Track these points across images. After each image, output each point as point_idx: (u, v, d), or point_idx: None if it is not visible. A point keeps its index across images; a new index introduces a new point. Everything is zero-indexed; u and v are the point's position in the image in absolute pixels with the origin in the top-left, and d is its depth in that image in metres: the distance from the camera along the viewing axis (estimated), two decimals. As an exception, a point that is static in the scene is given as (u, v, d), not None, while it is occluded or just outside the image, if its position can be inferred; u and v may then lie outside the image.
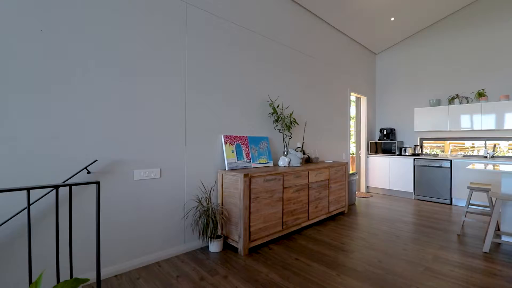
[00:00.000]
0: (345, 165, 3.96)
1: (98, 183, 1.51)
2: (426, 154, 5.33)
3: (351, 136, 5.74)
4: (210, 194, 2.70)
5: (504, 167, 2.95)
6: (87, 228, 2.01)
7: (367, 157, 5.64)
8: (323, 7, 4.15)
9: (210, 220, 2.51)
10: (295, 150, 3.52)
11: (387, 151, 5.43)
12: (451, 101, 4.92)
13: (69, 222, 1.50)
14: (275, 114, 3.41)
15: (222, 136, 2.89)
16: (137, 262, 2.26)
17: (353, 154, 5.83)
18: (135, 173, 2.26)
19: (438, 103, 5.06)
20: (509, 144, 4.51)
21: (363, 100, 5.73)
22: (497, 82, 4.57)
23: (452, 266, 2.32)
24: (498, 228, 3.03)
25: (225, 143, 2.88)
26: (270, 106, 3.41)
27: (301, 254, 2.54)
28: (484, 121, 4.44)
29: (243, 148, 3.03)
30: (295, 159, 3.26)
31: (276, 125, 3.49)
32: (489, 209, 3.68)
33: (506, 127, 4.22)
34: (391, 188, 5.26)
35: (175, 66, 2.51)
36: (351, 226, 3.37)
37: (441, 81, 5.20)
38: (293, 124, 3.56)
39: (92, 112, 2.03)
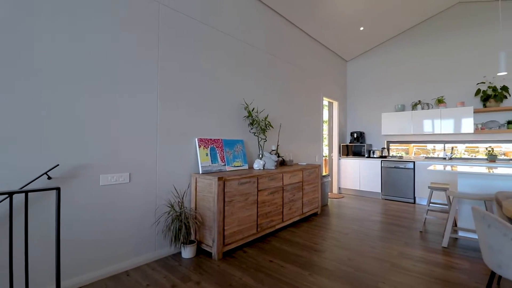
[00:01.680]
0: (318, 167, 4.08)
1: (58, 189, 1.41)
2: (393, 156, 5.66)
3: (324, 139, 5.94)
4: (183, 198, 2.64)
5: (460, 168, 3.23)
6: (48, 238, 1.87)
7: (339, 159, 5.86)
8: (297, 15, 4.29)
9: (183, 225, 2.45)
10: (270, 153, 3.56)
11: (357, 153, 5.69)
12: (414, 106, 5.29)
13: (25, 232, 1.38)
14: (250, 117, 3.44)
15: (196, 139, 2.84)
16: (104, 272, 2.14)
17: (326, 156, 6.02)
18: (102, 178, 2.14)
19: (402, 108, 5.41)
20: (466, 147, 4.93)
21: (335, 104, 5.96)
22: (454, 90, 4.99)
23: (415, 261, 2.48)
24: (455, 224, 3.29)
25: (199, 146, 2.84)
26: (245, 109, 3.43)
27: (275, 256, 2.56)
28: (443, 125, 4.82)
29: (217, 151, 3.01)
30: (270, 162, 3.30)
31: (251, 128, 3.52)
32: (447, 207, 3.99)
33: (462, 131, 4.61)
34: (361, 189, 5.51)
35: (147, 67, 2.44)
36: (324, 227, 3.47)
37: (406, 88, 5.57)
38: (268, 128, 3.61)
39: (53, 113, 1.90)
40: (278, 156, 3.71)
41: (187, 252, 2.51)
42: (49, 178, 1.83)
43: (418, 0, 4.52)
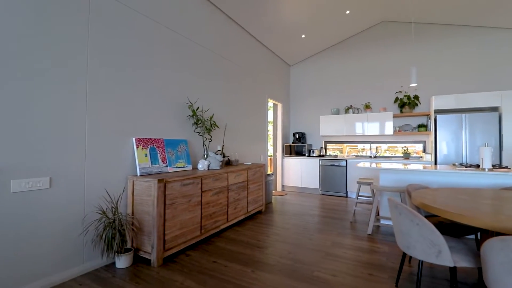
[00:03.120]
0: (263, 166, 4.22)
1: None
2: (329, 155, 6.20)
3: (269, 139, 6.15)
4: (117, 203, 2.42)
5: (383, 165, 3.72)
6: None
7: (283, 158, 6.16)
8: (245, 18, 4.40)
9: (117, 232, 2.24)
10: (215, 153, 3.53)
11: (299, 153, 6.07)
12: (347, 110, 5.89)
13: None
14: (194, 116, 3.35)
15: (134, 138, 2.64)
16: (15, 295, 1.82)
17: (271, 156, 6.25)
18: (14, 183, 1.82)
19: (337, 112, 5.97)
20: (388, 147, 5.69)
21: (279, 106, 6.23)
22: (379, 97, 5.73)
23: (345, 248, 2.76)
24: (378, 213, 3.78)
25: (137, 147, 2.64)
26: (189, 108, 3.33)
27: (219, 257, 2.56)
28: (370, 128, 5.49)
29: (158, 152, 2.85)
30: (215, 162, 3.27)
31: (196, 128, 3.43)
32: (372, 199, 4.55)
33: (386, 133, 5.32)
34: (302, 186, 5.89)
35: (74, 59, 2.15)
36: (268, 224, 3.60)
37: (340, 93, 6.16)
38: (213, 127, 3.57)
39: None
40: (224, 156, 3.71)
41: (122, 262, 2.31)
42: None
43: (351, 16, 5.05)
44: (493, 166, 3.25)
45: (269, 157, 6.44)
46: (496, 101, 4.33)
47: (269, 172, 5.03)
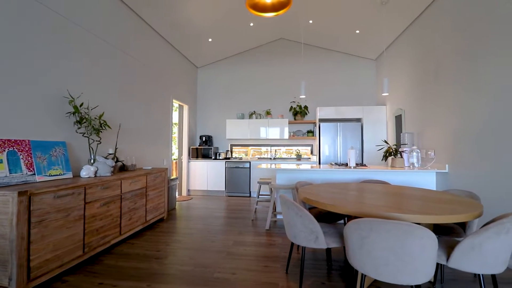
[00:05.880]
0: (165, 171, 3.97)
1: None
2: (235, 157, 6.44)
3: (174, 142, 5.86)
4: None
5: (283, 165, 4.14)
6: None
7: (189, 162, 5.98)
8: (150, 14, 4.13)
9: None
10: (106, 157, 3.08)
11: (206, 156, 6.04)
12: (250, 115, 6.28)
13: None
14: (77, 114, 2.82)
15: (-21, 139, 1.99)
16: None
17: (176, 159, 5.97)
18: None
19: (242, 116, 6.29)
20: (286, 149, 6.38)
21: (186, 108, 6.04)
22: (278, 104, 6.37)
23: (245, 246, 2.91)
24: (275, 209, 4.18)
25: (-15, 150, 2.00)
26: (70, 103, 2.78)
27: (107, 277, 2.23)
28: (270, 132, 6.04)
29: (21, 157, 2.25)
30: (105, 167, 2.84)
31: (79, 128, 2.90)
32: (270, 197, 5.00)
33: (284, 137, 5.96)
34: (208, 189, 5.88)
35: None
36: (169, 231, 3.40)
37: (245, 99, 6.52)
38: (103, 128, 3.10)
39: None
40: (117, 161, 3.28)
41: (-45, 308, 1.69)
42: None
43: (255, 29, 5.43)
44: (357, 164, 4.15)
45: (174, 161, 6.14)
46: (359, 113, 5.56)
47: (173, 177, 4.78)
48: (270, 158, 6.21)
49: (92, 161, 2.84)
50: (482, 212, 1.75)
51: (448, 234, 2.15)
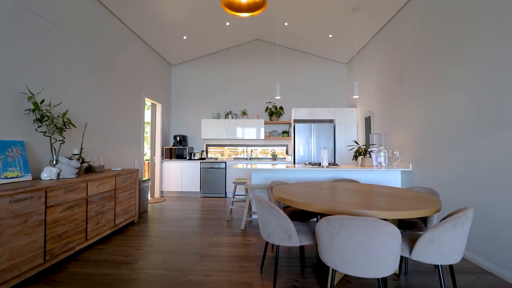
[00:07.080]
0: (136, 172, 3.81)
1: None
2: (210, 158, 6.36)
3: (146, 142, 5.65)
4: None
5: (259, 165, 4.15)
6: None
7: (162, 162, 5.80)
8: (119, 6, 3.93)
9: None
10: (70, 158, 2.89)
11: (180, 156, 5.89)
12: (226, 115, 6.24)
13: None
14: (37, 111, 2.61)
15: None
16: None
17: (148, 160, 5.75)
18: None
19: (218, 116, 6.23)
20: (261, 149, 6.42)
21: (159, 107, 5.85)
22: (253, 105, 6.39)
23: (220, 247, 2.89)
24: (250, 209, 4.19)
25: None
26: (29, 100, 2.57)
27: (71, 285, 2.09)
28: (246, 132, 6.04)
29: (-30, 158, 2.03)
30: (69, 169, 2.66)
31: (40, 126, 2.68)
32: (245, 197, 5.01)
33: (260, 137, 5.99)
34: (182, 190, 5.74)
35: None
36: (140, 235, 3.27)
37: (221, 99, 6.47)
38: (67, 126, 2.90)
39: None
40: (83, 162, 3.09)
41: None
42: None
43: (230, 28, 5.39)
44: (329, 164, 4.29)
45: (146, 162, 5.92)
46: (332, 115, 5.76)
47: (144, 178, 4.60)
48: (246, 158, 6.21)
49: (54, 162, 2.64)
50: (440, 207, 1.90)
51: (411, 229, 2.30)
